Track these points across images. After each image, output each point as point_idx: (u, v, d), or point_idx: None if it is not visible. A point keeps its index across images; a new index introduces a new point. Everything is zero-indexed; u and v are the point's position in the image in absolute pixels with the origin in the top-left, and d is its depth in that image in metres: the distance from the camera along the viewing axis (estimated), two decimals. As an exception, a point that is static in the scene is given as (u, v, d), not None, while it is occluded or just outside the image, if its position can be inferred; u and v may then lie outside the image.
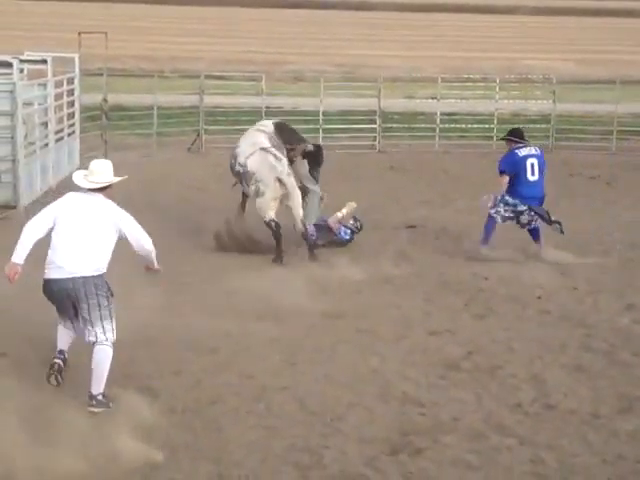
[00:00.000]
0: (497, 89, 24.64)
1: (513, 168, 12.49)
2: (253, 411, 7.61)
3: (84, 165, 10.29)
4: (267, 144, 12.45)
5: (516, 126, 13.74)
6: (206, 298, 10.39)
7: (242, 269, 11.53)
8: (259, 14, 74.30)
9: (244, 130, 13.59)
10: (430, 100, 25.01)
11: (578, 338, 9.56)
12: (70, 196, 7.61)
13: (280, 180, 12.22)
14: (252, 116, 20.38)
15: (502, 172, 12.54)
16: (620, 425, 7.45)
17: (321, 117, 22.99)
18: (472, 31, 66.11)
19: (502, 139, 13.25)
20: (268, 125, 13.05)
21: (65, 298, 7.43)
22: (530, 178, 12.48)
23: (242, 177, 12.62)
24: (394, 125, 23.87)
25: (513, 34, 64.04)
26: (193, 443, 6.99)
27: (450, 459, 6.84)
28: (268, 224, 12.29)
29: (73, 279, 7.35)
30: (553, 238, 12.67)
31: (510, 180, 12.46)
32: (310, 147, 12.94)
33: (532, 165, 12.48)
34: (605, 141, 23.35)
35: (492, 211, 12.51)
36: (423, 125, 23.77)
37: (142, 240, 7.63)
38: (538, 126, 23.70)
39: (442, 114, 23.60)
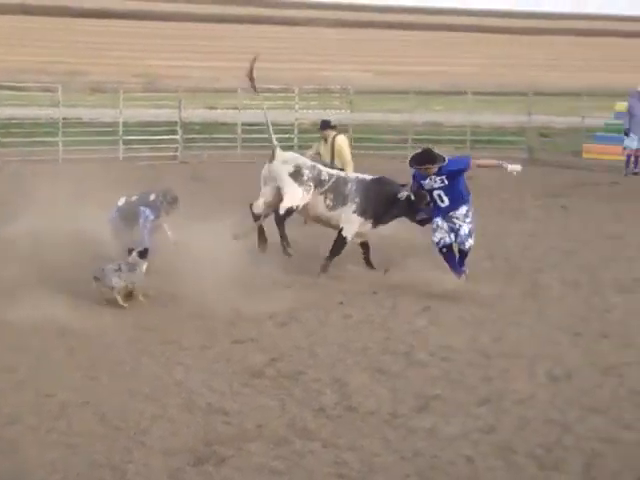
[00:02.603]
0: (297, 99, 25.04)
1: None
2: (53, 429, 7.41)
3: None
4: None
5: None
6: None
7: (42, 286, 11.16)
8: (54, 23, 72.35)
9: (40, 142, 13.23)
10: (231, 110, 25.13)
11: (378, 341, 9.83)
12: None
13: None
14: (49, 128, 19.85)
15: (468, 158, 12.38)
16: (417, 423, 7.71)
17: (121, 128, 22.68)
18: (271, 42, 66.78)
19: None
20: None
21: None
22: None
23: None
24: (195, 136, 23.85)
25: (312, 46, 65.18)
26: (-11, 466, 6.74)
27: (255, 466, 6.88)
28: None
29: None
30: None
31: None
32: None
33: None
34: (401, 149, 24.13)
35: (466, 231, 11.91)
36: (225, 135, 23.85)
37: None
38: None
39: (243, 124, 23.76)
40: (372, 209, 12.16)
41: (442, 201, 11.77)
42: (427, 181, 11.77)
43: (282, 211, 11.55)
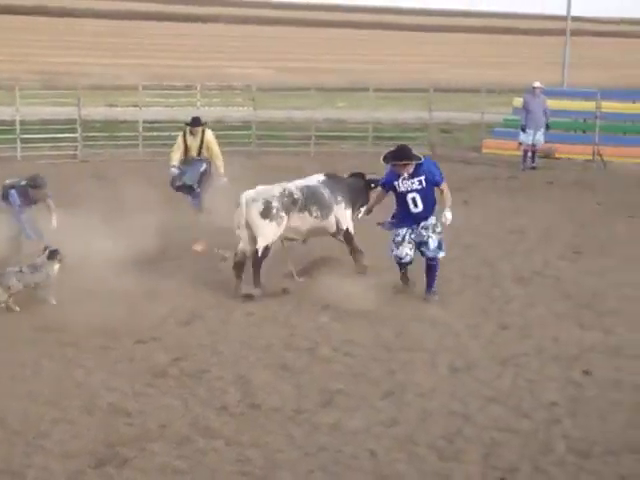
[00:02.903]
0: (199, 96, 24.87)
1: None
2: (-51, 436, 7.24)
3: None
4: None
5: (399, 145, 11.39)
6: None
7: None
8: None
9: None
10: (132, 108, 24.83)
11: (282, 338, 9.84)
12: None
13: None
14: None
15: (443, 180, 11.32)
16: (321, 418, 7.76)
17: (18, 127, 22.20)
18: (173, 39, 66.31)
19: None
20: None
21: None
22: None
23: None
24: (96, 134, 23.49)
25: (213, 43, 64.84)
26: None
27: (157, 466, 6.84)
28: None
29: None
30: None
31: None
32: None
33: None
34: (304, 146, 24.19)
35: (435, 245, 11.23)
36: (126, 133, 23.56)
37: None
38: (240, 132, 24.16)
39: (145, 122, 23.50)
40: (354, 199, 12.21)
41: (416, 205, 11.01)
42: (403, 182, 11.02)
43: (259, 253, 11.43)
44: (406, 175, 11.03)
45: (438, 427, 7.66)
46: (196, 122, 14.89)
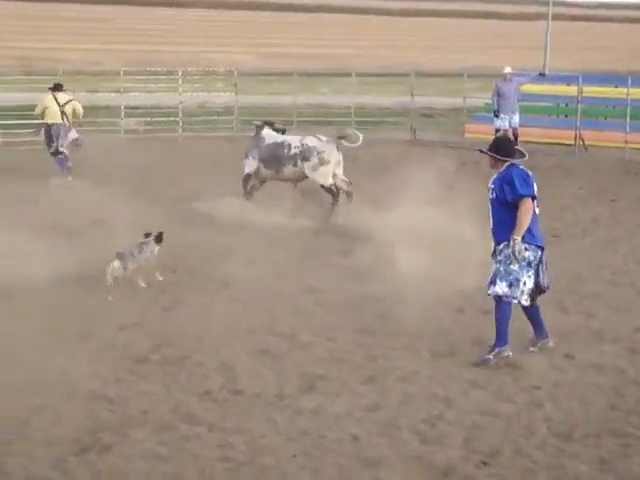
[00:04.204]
0: (180, 82, 24.78)
1: (532, 190, 8.69)
2: None
3: None
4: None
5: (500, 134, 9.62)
6: None
7: None
8: None
9: None
10: (113, 94, 24.73)
11: (264, 323, 9.84)
12: None
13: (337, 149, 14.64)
14: None
15: (525, 195, 8.58)
16: (303, 403, 7.77)
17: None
18: (154, 24, 65.99)
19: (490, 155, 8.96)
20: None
21: None
22: (537, 211, 8.76)
23: (299, 156, 14.60)
24: (77, 120, 23.33)
25: (194, 27, 64.57)
26: None
27: (139, 453, 6.83)
28: (330, 189, 14.64)
29: None
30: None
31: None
32: None
33: (536, 191, 8.79)
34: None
35: (506, 289, 8.64)
36: (107, 119, 23.45)
37: None
38: (222, 118, 24.10)
39: (126, 108, 23.41)
40: None
41: (490, 218, 8.86)
42: (490, 182, 8.93)
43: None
44: (495, 175, 8.92)
45: (420, 411, 7.68)
46: (59, 87, 18.37)
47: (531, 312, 8.95)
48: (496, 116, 21.80)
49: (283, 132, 15.25)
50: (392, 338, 9.38)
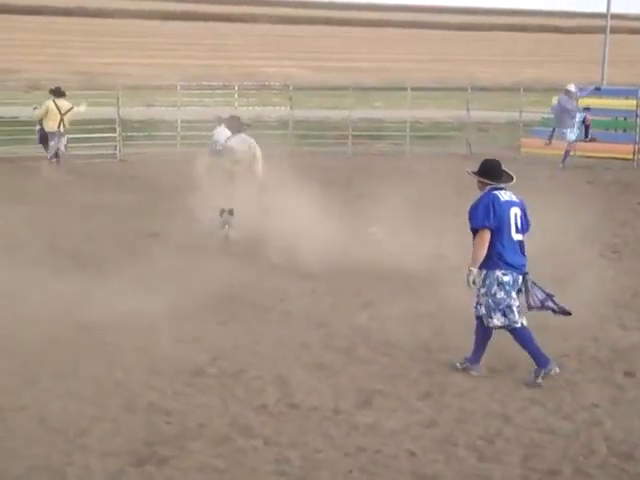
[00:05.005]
0: (236, 96, 24.95)
1: (496, 220, 8.57)
2: (-9, 434, 7.30)
3: None
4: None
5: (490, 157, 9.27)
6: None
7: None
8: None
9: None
10: (170, 108, 24.97)
11: (319, 337, 9.84)
12: None
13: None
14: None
15: (480, 226, 8.57)
16: (359, 419, 7.74)
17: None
18: (210, 39, 66.55)
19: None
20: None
21: None
22: (515, 237, 8.68)
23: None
24: (135, 133, 23.63)
25: (251, 42, 65.02)
26: None
27: (196, 465, 6.86)
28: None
29: None
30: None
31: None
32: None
33: (516, 217, 8.66)
34: (341, 145, 24.18)
35: (502, 320, 8.67)
36: (164, 133, 23.69)
37: None
38: (277, 132, 24.19)
39: (183, 122, 23.62)
40: None
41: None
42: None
43: None
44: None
45: (477, 428, 7.62)
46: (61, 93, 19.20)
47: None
48: (559, 129, 21.83)
49: (248, 126, 15.51)
50: (448, 353, 9.31)
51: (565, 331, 10.03)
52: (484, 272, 8.61)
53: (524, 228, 8.74)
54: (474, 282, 8.62)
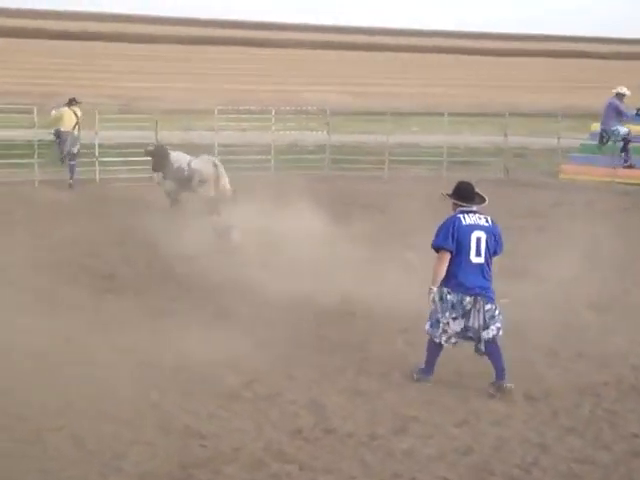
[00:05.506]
0: (273, 120, 25.05)
1: (454, 242, 8.93)
2: (27, 454, 7.33)
3: None
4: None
5: (464, 180, 9.43)
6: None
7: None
8: (29, 45, 72.33)
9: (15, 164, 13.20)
10: (207, 132, 25.11)
11: (355, 362, 9.79)
12: None
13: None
14: (25, 150, 19.75)
15: (440, 247, 8.97)
16: (395, 445, 7.69)
17: (97, 150, 22.60)
18: (248, 64, 67.01)
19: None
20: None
21: None
22: (474, 260, 8.98)
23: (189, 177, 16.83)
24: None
25: (290, 67, 65.36)
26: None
27: (230, 490, 6.84)
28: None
29: None
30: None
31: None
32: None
33: (478, 241, 8.96)
34: (378, 170, 24.18)
35: (428, 328, 9.22)
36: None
37: None
38: (314, 157, 24.27)
39: (219, 145, 23.74)
40: None
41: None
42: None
43: None
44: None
45: (514, 456, 7.54)
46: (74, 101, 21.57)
47: (487, 354, 9.10)
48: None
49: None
50: (484, 380, 9.22)
51: (604, 359, 9.94)
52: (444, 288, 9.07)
53: (490, 251, 9.04)
54: (434, 300, 9.07)
